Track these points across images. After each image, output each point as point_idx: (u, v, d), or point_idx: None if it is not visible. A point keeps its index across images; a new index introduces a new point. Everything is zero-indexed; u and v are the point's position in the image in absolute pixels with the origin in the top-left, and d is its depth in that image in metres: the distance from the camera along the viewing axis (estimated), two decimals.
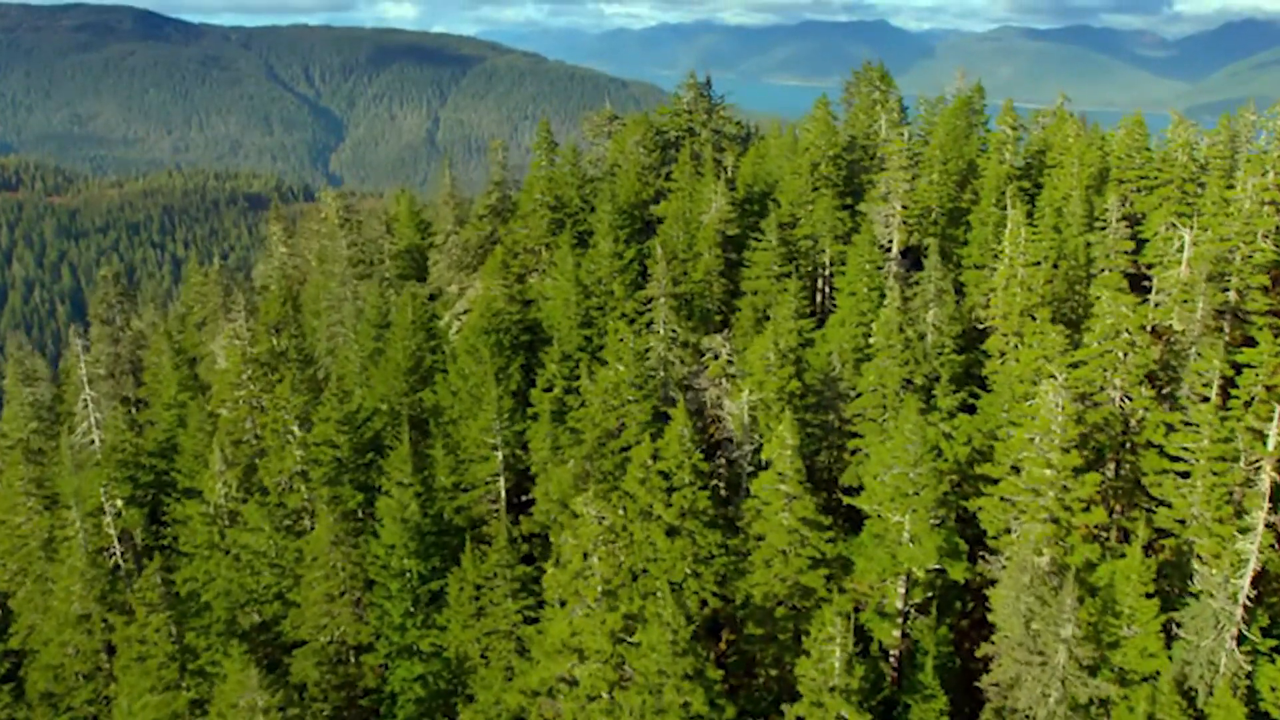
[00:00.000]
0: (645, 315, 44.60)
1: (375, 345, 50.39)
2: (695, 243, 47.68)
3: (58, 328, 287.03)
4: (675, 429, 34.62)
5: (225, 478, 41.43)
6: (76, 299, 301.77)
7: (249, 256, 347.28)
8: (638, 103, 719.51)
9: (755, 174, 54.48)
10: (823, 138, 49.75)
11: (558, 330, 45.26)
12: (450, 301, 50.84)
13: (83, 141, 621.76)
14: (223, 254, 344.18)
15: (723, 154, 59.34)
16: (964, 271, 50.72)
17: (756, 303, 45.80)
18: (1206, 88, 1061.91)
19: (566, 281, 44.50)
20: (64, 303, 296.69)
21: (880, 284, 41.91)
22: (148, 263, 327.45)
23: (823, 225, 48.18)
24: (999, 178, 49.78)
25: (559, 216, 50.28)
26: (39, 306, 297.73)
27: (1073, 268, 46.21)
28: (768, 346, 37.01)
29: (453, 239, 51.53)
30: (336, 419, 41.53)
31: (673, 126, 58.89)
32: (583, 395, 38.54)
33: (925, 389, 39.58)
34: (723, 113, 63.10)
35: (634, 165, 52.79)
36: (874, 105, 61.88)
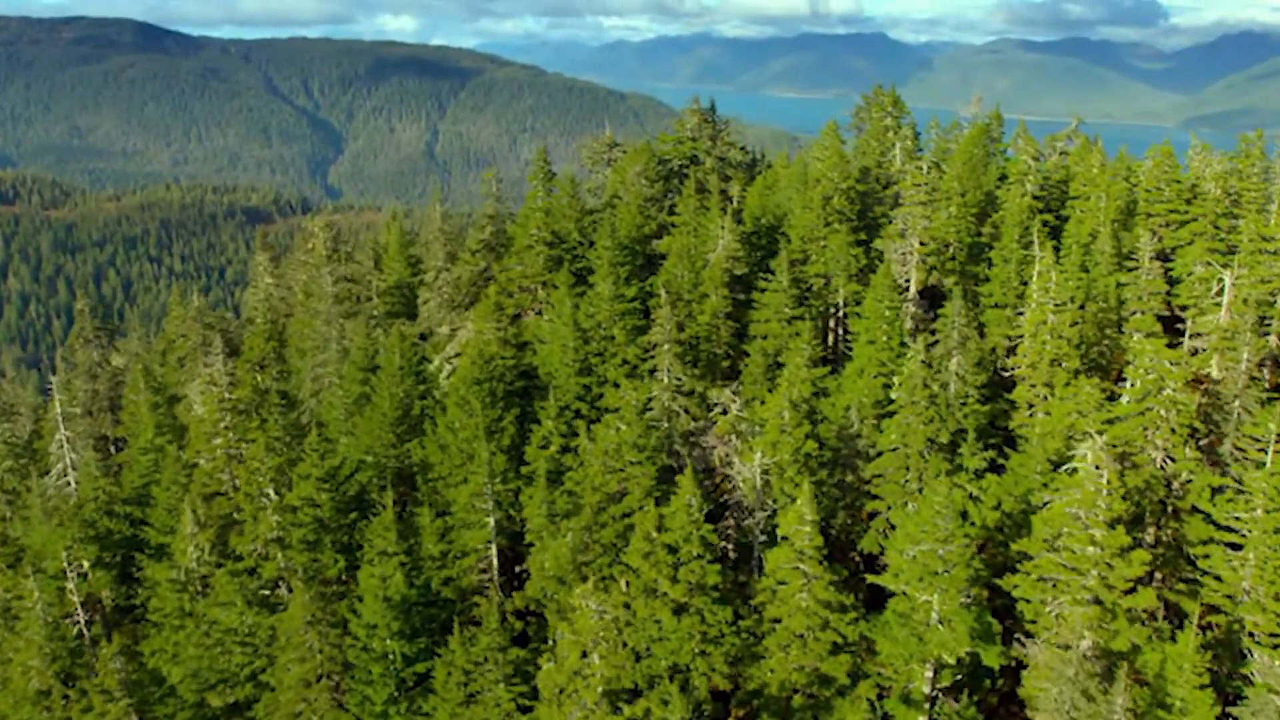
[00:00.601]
0: (648, 362, 41.79)
1: (362, 389, 47.51)
2: (701, 283, 44.92)
3: (54, 342, 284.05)
4: (682, 498, 31.72)
5: (197, 540, 38.48)
6: (72, 313, 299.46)
7: (246, 270, 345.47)
8: (636, 115, 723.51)
9: (763, 205, 51.80)
10: (835, 169, 47.09)
11: (554, 378, 42.41)
12: (441, 343, 48.03)
13: (81, 154, 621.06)
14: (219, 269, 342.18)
15: (728, 183, 56.68)
16: (985, 311, 48.00)
17: (766, 347, 43.00)
18: (1204, 100, 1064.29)
19: (564, 326, 41.69)
20: (60, 317, 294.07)
21: (900, 331, 39.09)
22: (145, 277, 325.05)
23: (836, 263, 45.44)
24: (1021, 211, 47.10)
25: (556, 253, 47.53)
26: (35, 321, 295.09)
27: (1102, 310, 43.46)
28: (781, 404, 34.16)
29: (443, 276, 48.77)
30: (318, 476, 38.65)
31: (676, 155, 56.23)
32: (581, 456, 35.65)
33: (950, 445, 36.73)
34: (727, 138, 60.51)
35: (635, 197, 50.08)
36: (886, 131, 59.31)
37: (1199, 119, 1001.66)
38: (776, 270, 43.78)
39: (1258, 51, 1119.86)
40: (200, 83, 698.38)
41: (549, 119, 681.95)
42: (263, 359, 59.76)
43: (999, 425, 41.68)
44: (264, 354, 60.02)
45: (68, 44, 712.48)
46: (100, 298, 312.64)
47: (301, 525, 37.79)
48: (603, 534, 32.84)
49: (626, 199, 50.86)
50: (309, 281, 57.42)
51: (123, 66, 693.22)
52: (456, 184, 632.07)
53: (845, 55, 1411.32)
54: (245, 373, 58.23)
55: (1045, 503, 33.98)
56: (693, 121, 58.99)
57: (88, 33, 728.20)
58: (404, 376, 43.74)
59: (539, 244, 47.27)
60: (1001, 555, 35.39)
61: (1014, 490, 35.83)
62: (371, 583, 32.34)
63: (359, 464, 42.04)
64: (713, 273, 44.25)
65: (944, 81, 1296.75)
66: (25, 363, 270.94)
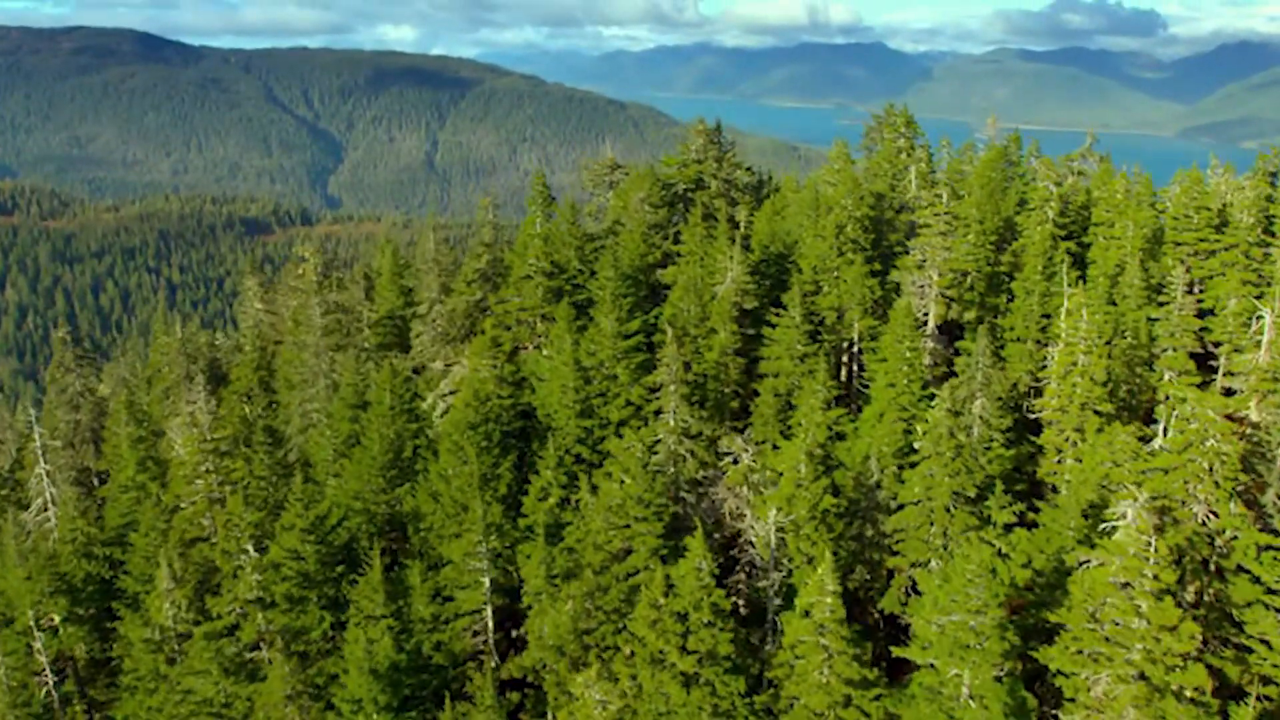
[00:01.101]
0: (653, 403, 39.44)
1: (351, 428, 45.15)
2: (708, 316, 42.62)
3: (51, 354, 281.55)
4: (691, 561, 29.36)
5: (174, 596, 36.06)
6: (70, 325, 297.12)
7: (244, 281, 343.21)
8: (636, 125, 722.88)
9: (772, 232, 49.57)
10: (848, 196, 44.88)
11: (554, 419, 40.07)
12: (434, 380, 45.72)
13: (81, 164, 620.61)
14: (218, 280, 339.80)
15: (735, 208, 54.46)
16: (1005, 344, 45.72)
17: (778, 386, 40.68)
18: (1203, 109, 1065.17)
19: (564, 365, 39.38)
20: (58, 328, 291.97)
21: (921, 373, 36.76)
22: (143, 288, 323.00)
23: (851, 296, 43.16)
24: (1044, 241, 44.88)
25: (556, 284, 45.24)
26: (32, 332, 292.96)
27: (1132, 347, 41.17)
28: (797, 456, 31.81)
29: (437, 308, 46.48)
30: (302, 526, 36.28)
31: (681, 178, 54.04)
32: (583, 511, 33.30)
33: (977, 497, 34.36)
34: (733, 159, 58.31)
35: (638, 225, 47.85)
36: (899, 153, 57.16)
37: (1197, 128, 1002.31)
38: (788, 305, 41.50)
39: (1256, 61, 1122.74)
40: (200, 92, 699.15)
41: (549, 129, 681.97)
42: (250, 390, 57.47)
43: (1024, 471, 39.35)
44: (251, 385, 57.74)
45: (68, 54, 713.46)
46: (98, 309, 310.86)
47: (286, 579, 35.44)
48: (605, 599, 30.46)
49: (629, 226, 48.61)
50: (299, 309, 55.14)
51: (123, 76, 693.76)
52: (456, 194, 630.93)
53: (844, 65, 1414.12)
54: (233, 403, 55.96)
55: (1081, 563, 31.62)
56: (698, 142, 56.80)
57: (88, 43, 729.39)
58: (395, 417, 41.40)
59: (537, 274, 45.00)
60: (1033, 617, 33.01)
61: (1046, 547, 33.47)
62: (357, 652, 29.92)
63: (346, 512, 39.64)
64: (721, 306, 41.97)
65: (943, 91, 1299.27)
66: (23, 374, 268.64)
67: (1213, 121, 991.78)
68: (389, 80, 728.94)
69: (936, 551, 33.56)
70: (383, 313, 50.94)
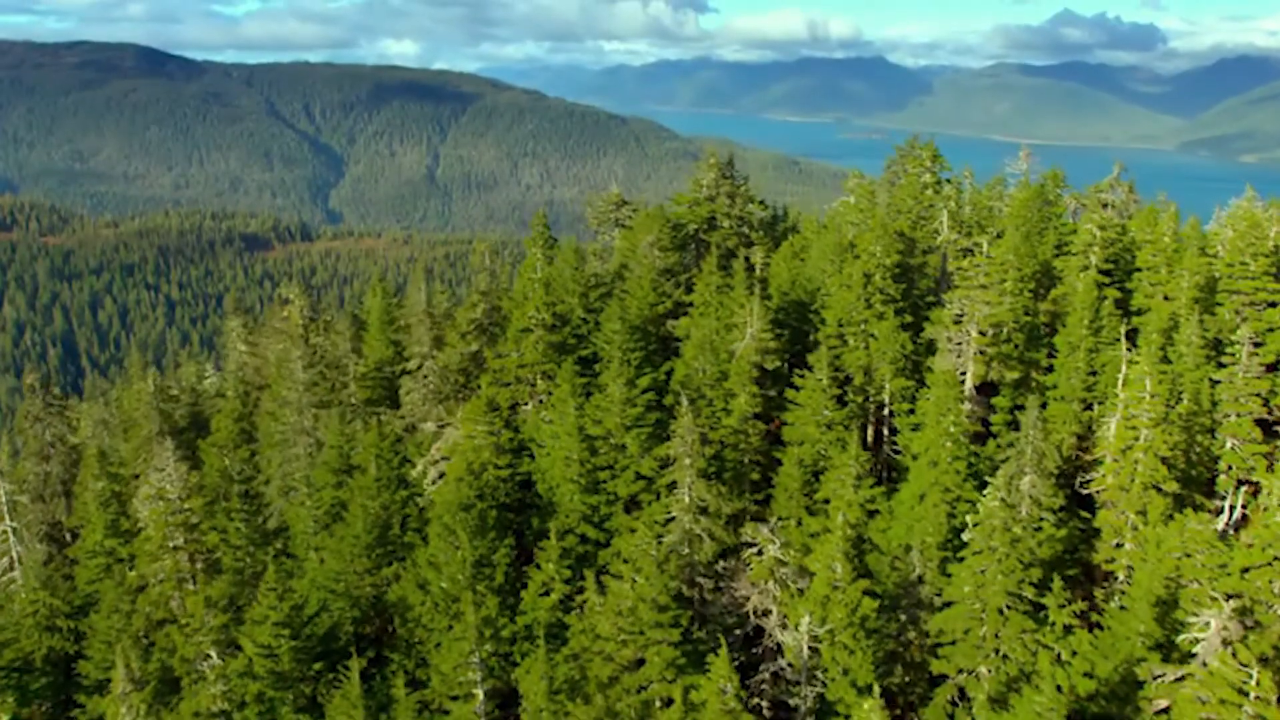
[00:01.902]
0: (665, 475, 35.62)
1: (335, 494, 41.36)
2: (726, 377, 38.87)
3: (48, 371, 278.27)
4: (715, 683, 25.50)
5: (130, 701, 32.15)
6: (68, 342, 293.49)
7: (244, 297, 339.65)
8: (638, 139, 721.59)
9: (792, 278, 45.93)
10: (877, 243, 41.25)
11: (555, 494, 36.27)
12: (426, 443, 41.97)
13: (83, 178, 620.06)
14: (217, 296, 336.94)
15: (751, 249, 50.84)
16: (1048, 404, 41.94)
17: (803, 456, 36.86)
18: (1203, 123, 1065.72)
19: (567, 435, 35.61)
20: (55, 345, 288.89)
21: (967, 452, 32.95)
22: (141, 304, 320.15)
23: (882, 355, 39.42)
24: (1089, 290, 41.17)
25: (558, 339, 41.54)
26: (30, 349, 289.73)
27: (1193, 414, 37.37)
28: (832, 555, 27.97)
29: (429, 364, 42.79)
30: (276, 620, 32.44)
31: (692, 218, 50.43)
32: (589, 616, 29.44)
33: (1034, 591, 30.47)
34: (746, 193, 54.72)
35: (647, 271, 44.21)
36: (924, 189, 53.57)
37: (1198, 142, 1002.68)
38: (814, 365, 37.76)
39: (1256, 75, 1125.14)
40: (202, 107, 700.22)
41: (550, 143, 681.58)
42: (231, 442, 53.70)
43: (1078, 557, 35.48)
44: (232, 435, 53.97)
45: (71, 68, 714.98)
46: (96, 326, 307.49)
47: (257, 679, 31.58)
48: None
49: (638, 272, 44.93)
50: (283, 356, 51.42)
51: (125, 91, 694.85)
52: (458, 208, 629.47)
53: (845, 79, 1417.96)
54: (212, 456, 52.22)
55: (1156, 677, 27.77)
56: (709, 177, 53.22)
57: (91, 57, 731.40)
58: (381, 489, 37.59)
59: (538, 328, 41.29)
60: None
61: (1112, 654, 29.56)
62: None
63: (326, 598, 35.77)
64: (740, 366, 38.22)
65: (943, 105, 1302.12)
66: (18, 393, 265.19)
67: (1212, 135, 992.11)
68: (390, 95, 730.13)
69: (988, 657, 29.69)
70: (371, 364, 47.24)
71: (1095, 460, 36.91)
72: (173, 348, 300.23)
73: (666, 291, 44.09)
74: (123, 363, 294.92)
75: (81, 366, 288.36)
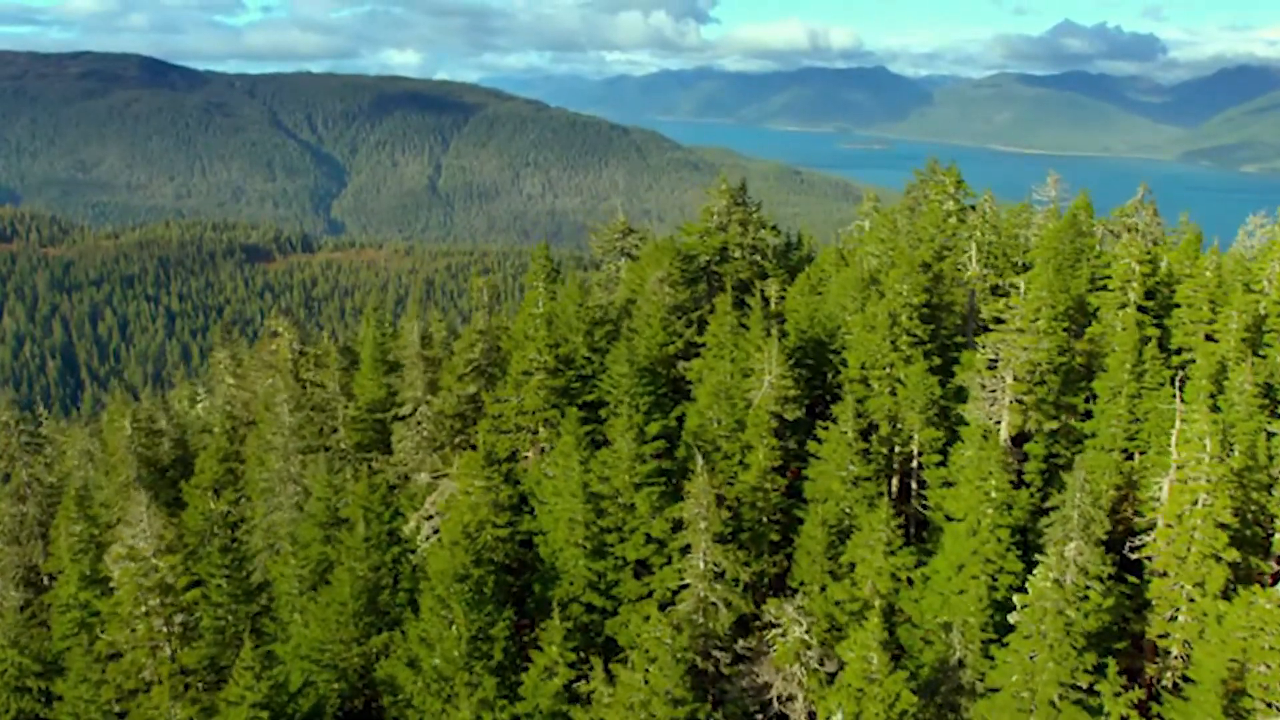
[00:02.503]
0: (678, 537, 32.76)
1: (322, 551, 38.49)
2: (742, 426, 36.05)
3: (47, 384, 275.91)
4: None
5: None
6: (68, 354, 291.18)
7: (245, 309, 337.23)
8: (639, 150, 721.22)
9: (811, 314, 43.15)
10: (904, 280, 38.48)
11: (559, 559, 33.39)
12: (419, 496, 39.16)
13: (85, 188, 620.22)
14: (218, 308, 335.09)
15: (766, 281, 48.11)
16: (1086, 451, 39.11)
17: (827, 515, 33.95)
18: (1204, 133, 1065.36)
19: (571, 495, 32.77)
20: (55, 358, 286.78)
21: (1010, 520, 30.06)
22: (142, 316, 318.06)
23: (911, 403, 36.59)
24: (1132, 333, 38.35)
25: (561, 383, 38.75)
26: (29, 361, 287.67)
27: (1248, 469, 34.49)
28: (868, 644, 25.06)
29: (423, 409, 40.04)
30: (254, 701, 29.59)
31: (703, 250, 47.69)
32: (595, 709, 26.52)
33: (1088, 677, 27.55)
34: (759, 219, 52.00)
35: (657, 310, 41.44)
36: (947, 217, 50.82)
37: (1198, 152, 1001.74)
38: (839, 416, 34.92)
39: (1256, 85, 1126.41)
40: (205, 117, 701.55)
41: (552, 153, 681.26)
42: (217, 483, 50.91)
43: (1127, 629, 32.55)
44: (218, 476, 51.18)
45: (74, 79, 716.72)
46: (96, 338, 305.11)
47: None
48: None
49: (646, 309, 42.16)
50: (270, 394, 48.68)
51: (128, 101, 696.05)
52: (459, 218, 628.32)
53: (845, 89, 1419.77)
54: (196, 499, 49.41)
55: None
56: (720, 204, 50.48)
57: (94, 67, 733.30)
58: (370, 550, 34.74)
59: (540, 371, 38.50)
60: None
61: None
62: None
63: (310, 672, 32.86)
64: (758, 416, 35.39)
65: (944, 115, 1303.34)
66: (18, 404, 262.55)
67: (1213, 145, 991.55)
68: (392, 105, 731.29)
69: None
70: (363, 405, 44.45)
71: (1141, 515, 33.99)
72: (172, 359, 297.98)
73: (677, 331, 41.33)
74: (123, 374, 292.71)
75: (81, 379, 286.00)
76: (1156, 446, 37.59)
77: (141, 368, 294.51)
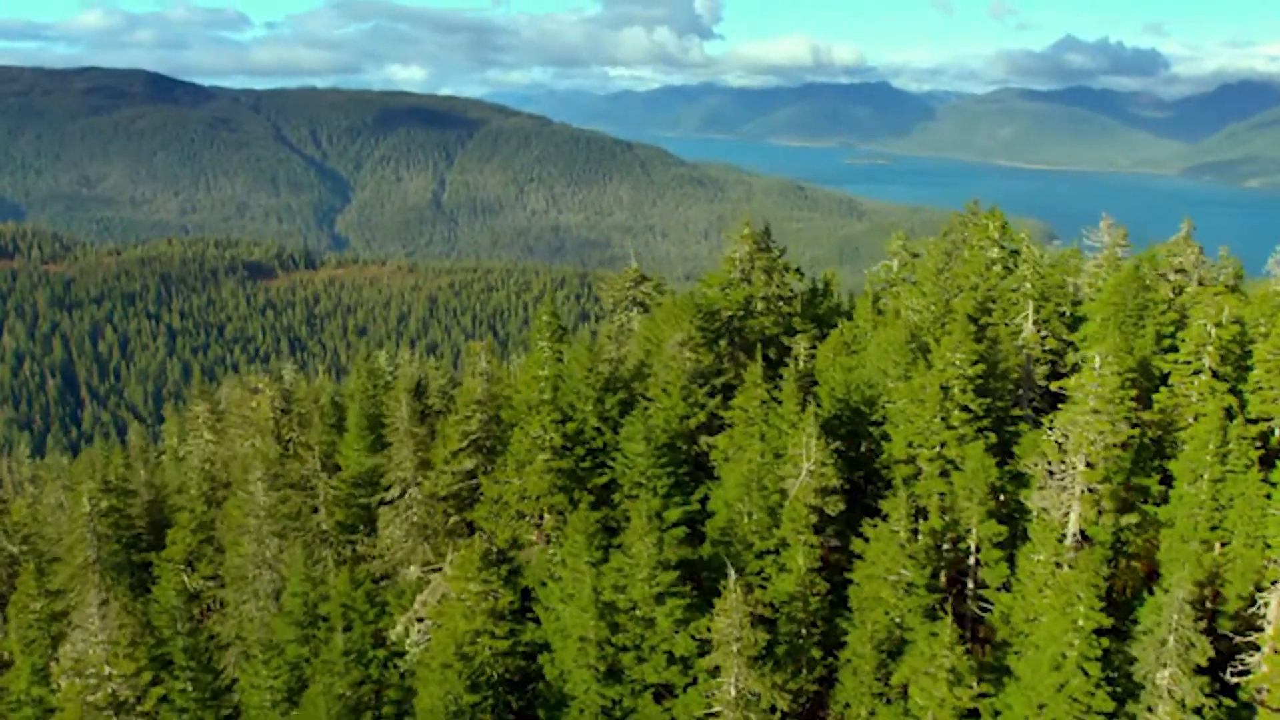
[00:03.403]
0: (706, 657, 28.18)
1: (298, 653, 33.92)
2: (776, 520, 31.51)
3: (47, 402, 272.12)
4: None
5: None
6: (68, 372, 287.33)
7: (246, 326, 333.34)
8: (643, 165, 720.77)
9: (847, 380, 38.66)
10: (958, 349, 34.03)
11: (567, 682, 28.81)
12: (408, 593, 34.66)
13: (90, 203, 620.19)
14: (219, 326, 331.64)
15: (794, 338, 43.66)
16: (1158, 539, 34.47)
17: (876, 628, 29.33)
18: (1206, 148, 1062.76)
19: (582, 610, 28.22)
20: (54, 375, 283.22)
21: (1097, 651, 25.41)
22: (142, 334, 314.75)
23: (969, 492, 32.02)
24: (1217, 413, 33.80)
25: (568, 464, 34.28)
26: (28, 380, 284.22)
27: None
28: None
29: (412, 492, 35.61)
30: None
31: (725, 304, 43.30)
32: None
33: None
34: (784, 264, 47.59)
35: (677, 378, 36.99)
36: (990, 265, 46.41)
37: (1201, 167, 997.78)
38: (890, 513, 30.37)
39: (1258, 100, 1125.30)
40: (209, 132, 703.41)
41: (556, 168, 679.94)
42: (192, 555, 46.43)
43: None
44: (190, 549, 46.69)
45: (79, 94, 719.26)
46: (96, 355, 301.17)
47: None
48: None
49: (664, 376, 37.69)
50: (249, 458, 44.25)
51: (133, 116, 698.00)
52: (464, 233, 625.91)
53: (849, 104, 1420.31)
54: (167, 572, 44.91)
55: None
56: (742, 250, 46.09)
57: (99, 83, 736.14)
58: (350, 666, 30.17)
59: (544, 450, 34.03)
60: None
61: None
62: None
63: None
64: (795, 511, 30.83)
65: (947, 130, 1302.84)
66: (17, 424, 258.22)
67: (1216, 160, 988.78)
68: (397, 120, 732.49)
69: None
70: (347, 479, 39.95)
71: (1222, 612, 29.29)
72: (173, 378, 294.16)
73: (699, 401, 36.87)
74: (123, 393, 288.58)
75: (81, 397, 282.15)
76: (1244, 536, 33.08)
77: (142, 386, 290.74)
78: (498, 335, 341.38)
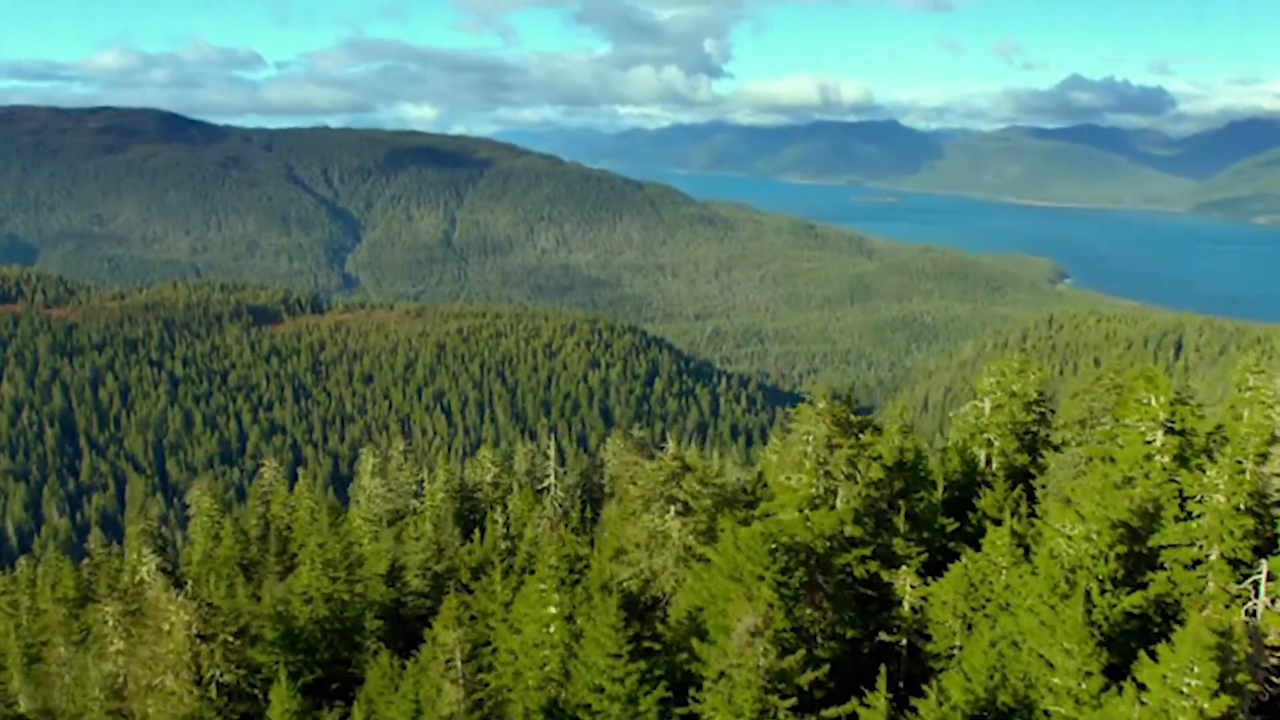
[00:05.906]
0: None
1: None
2: None
3: (45, 451, 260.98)
4: None
5: None
6: (66, 421, 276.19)
7: (250, 375, 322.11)
8: (653, 204, 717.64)
9: (990, 665, 26.37)
10: (1187, 669, 21.81)
11: None
12: None
13: (101, 241, 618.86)
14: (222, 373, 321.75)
15: (895, 572, 31.34)
16: None
17: None
18: (1214, 185, 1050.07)
19: None
20: (53, 425, 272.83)
21: None
22: (144, 381, 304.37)
23: None
24: None
25: None
26: (26, 429, 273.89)
27: None
28: None
29: None
30: None
31: (809, 537, 30.83)
32: None
33: None
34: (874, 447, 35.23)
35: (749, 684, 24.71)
36: (1150, 457, 34.17)
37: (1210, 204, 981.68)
38: None
39: (1266, 137, 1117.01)
40: (221, 171, 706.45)
41: (566, 207, 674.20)
42: None
43: None
44: None
45: (93, 133, 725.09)
46: (96, 404, 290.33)
47: None
48: None
49: (731, 679, 25.27)
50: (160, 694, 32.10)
51: (146, 155, 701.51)
52: (474, 272, 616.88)
53: (857, 142, 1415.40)
54: None
55: None
56: (819, 430, 33.87)
57: (113, 122, 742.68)
58: None
59: None
60: None
61: None
62: None
63: None
64: None
65: (955, 168, 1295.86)
66: (14, 474, 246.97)
67: (1225, 197, 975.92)
68: (407, 159, 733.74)
69: None
70: None
71: None
72: (174, 427, 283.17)
73: (778, 717, 24.64)
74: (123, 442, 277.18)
75: (80, 447, 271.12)
76: None
77: (142, 435, 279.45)
78: (505, 383, 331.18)
